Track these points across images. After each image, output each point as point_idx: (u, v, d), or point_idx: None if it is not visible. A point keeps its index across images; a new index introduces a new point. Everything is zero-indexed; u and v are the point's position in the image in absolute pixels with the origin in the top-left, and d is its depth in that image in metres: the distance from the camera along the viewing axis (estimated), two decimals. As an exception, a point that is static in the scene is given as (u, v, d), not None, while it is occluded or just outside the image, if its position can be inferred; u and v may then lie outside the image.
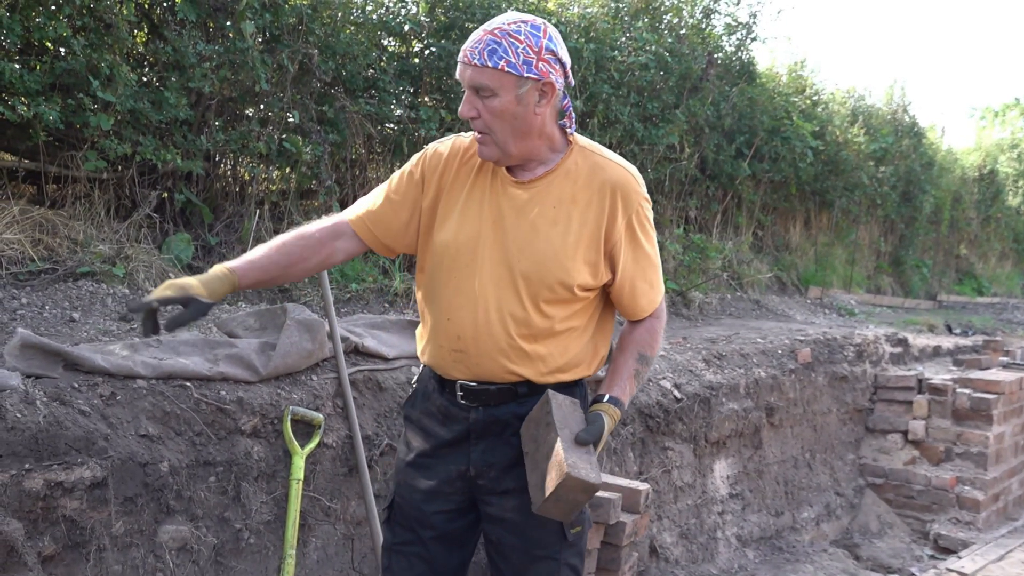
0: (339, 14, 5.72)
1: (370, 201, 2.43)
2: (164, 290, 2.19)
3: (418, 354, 2.48)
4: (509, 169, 2.30)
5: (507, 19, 2.16)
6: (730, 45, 9.23)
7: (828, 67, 28.53)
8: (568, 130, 2.34)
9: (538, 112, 2.20)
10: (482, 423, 2.33)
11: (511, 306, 2.24)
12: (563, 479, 2.02)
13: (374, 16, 6.09)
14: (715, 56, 8.67)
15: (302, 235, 2.38)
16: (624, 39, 7.58)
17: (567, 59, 2.24)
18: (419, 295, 2.43)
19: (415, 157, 2.42)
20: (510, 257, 2.24)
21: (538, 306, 2.25)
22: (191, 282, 2.21)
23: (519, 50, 2.12)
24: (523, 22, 2.15)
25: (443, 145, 2.40)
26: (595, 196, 2.26)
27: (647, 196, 2.34)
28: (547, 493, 2.06)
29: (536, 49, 2.14)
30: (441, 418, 2.38)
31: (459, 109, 2.22)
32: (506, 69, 2.12)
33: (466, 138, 2.39)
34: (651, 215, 2.35)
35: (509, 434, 2.32)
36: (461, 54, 2.18)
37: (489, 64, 2.12)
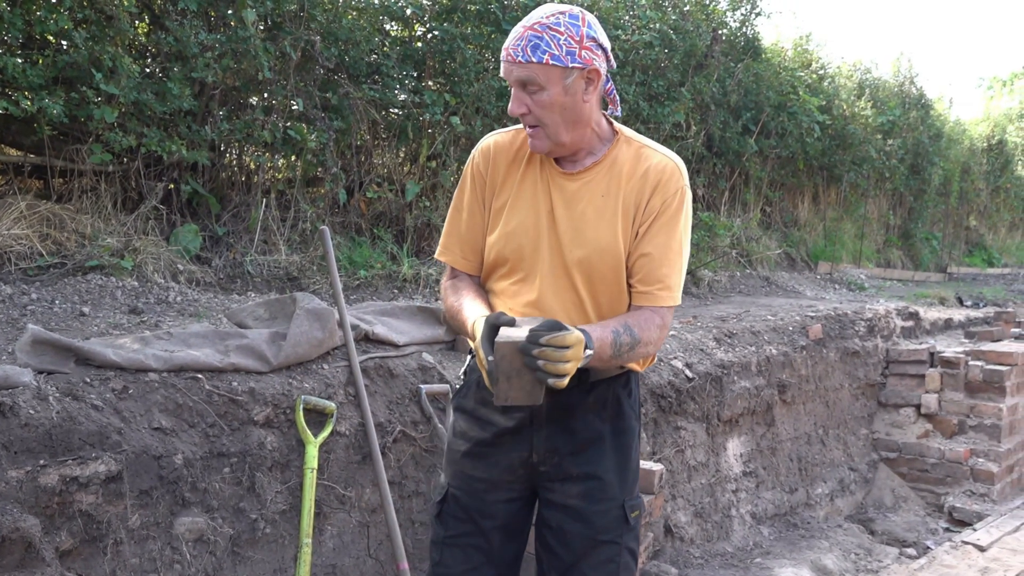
0: (340, 0, 5.68)
1: (456, 233, 2.43)
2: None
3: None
4: (557, 160, 2.32)
5: (544, 12, 2.18)
6: (734, 20, 9.17)
7: (834, 40, 28.33)
8: (615, 114, 2.37)
9: (586, 100, 2.22)
10: (546, 408, 2.31)
11: (570, 295, 2.28)
12: (511, 341, 1.98)
13: (375, 1, 6.05)
14: (719, 32, 8.61)
15: (470, 292, 2.38)
16: (628, 18, 7.53)
17: (607, 43, 2.25)
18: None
19: (466, 168, 2.44)
20: (563, 247, 2.27)
21: (594, 296, 2.28)
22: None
23: (561, 42, 2.14)
24: (561, 13, 2.17)
25: (485, 145, 2.42)
26: (637, 182, 2.28)
27: (687, 187, 2.31)
28: (490, 376, 2.01)
29: (577, 38, 2.16)
30: (501, 407, 2.35)
31: (508, 107, 2.24)
32: (550, 62, 2.14)
33: (506, 133, 2.42)
34: (689, 208, 2.31)
35: (571, 420, 2.32)
36: (504, 53, 2.20)
37: (533, 59, 2.14)
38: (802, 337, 5.99)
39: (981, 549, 4.87)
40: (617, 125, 2.36)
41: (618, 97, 2.39)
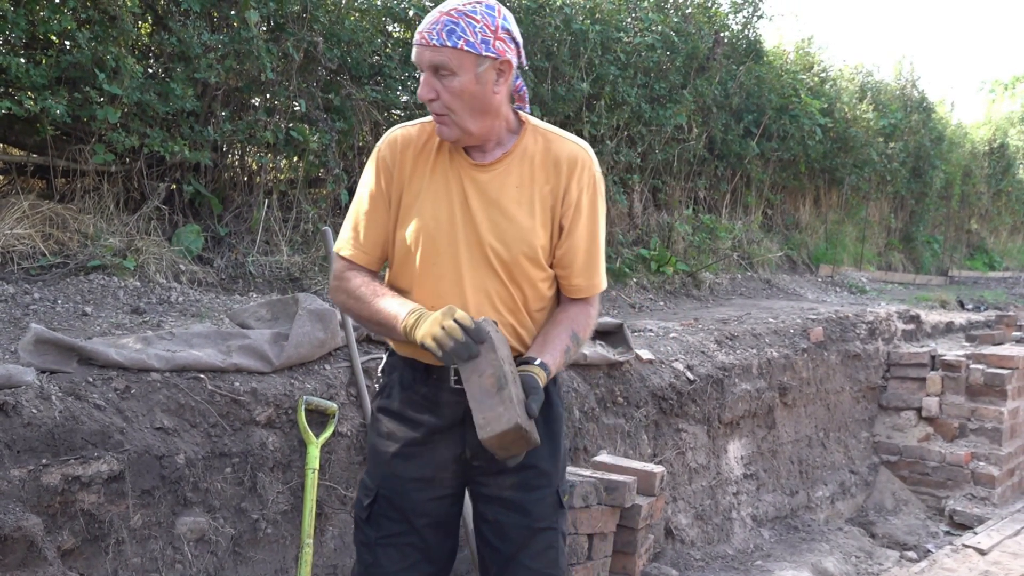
0: (343, 1, 5.69)
1: (357, 228, 2.37)
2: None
3: (392, 346, 2.42)
4: (468, 152, 2.31)
5: (461, 0, 2.18)
6: (736, 23, 9.18)
7: (836, 43, 28.28)
8: (523, 111, 2.36)
9: (496, 91, 2.21)
10: None
11: (494, 285, 2.27)
12: (511, 428, 2.03)
13: (378, 2, 6.06)
14: (721, 35, 8.62)
15: (375, 283, 2.33)
16: (630, 20, 7.53)
17: (520, 38, 2.26)
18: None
19: (370, 163, 2.38)
20: (481, 238, 2.26)
21: (516, 283, 2.28)
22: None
23: (476, 29, 2.14)
24: (478, 2, 2.17)
25: (392, 137, 2.37)
26: (551, 172, 2.29)
27: (600, 173, 2.36)
28: (493, 433, 2.05)
29: (492, 28, 2.16)
30: (429, 405, 2.34)
31: (418, 92, 2.22)
32: (465, 48, 2.14)
33: (412, 127, 2.37)
34: (603, 194, 2.37)
35: None
36: (417, 36, 2.19)
37: (448, 43, 2.13)
38: (803, 340, 5.99)
39: (982, 552, 4.87)
40: (523, 115, 2.35)
41: (527, 95, 2.38)
